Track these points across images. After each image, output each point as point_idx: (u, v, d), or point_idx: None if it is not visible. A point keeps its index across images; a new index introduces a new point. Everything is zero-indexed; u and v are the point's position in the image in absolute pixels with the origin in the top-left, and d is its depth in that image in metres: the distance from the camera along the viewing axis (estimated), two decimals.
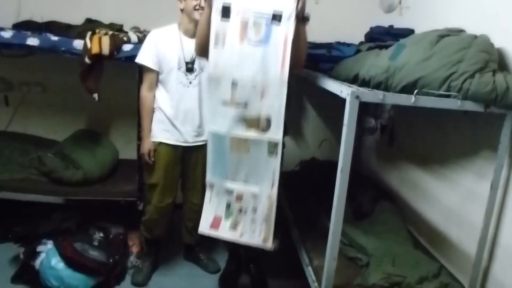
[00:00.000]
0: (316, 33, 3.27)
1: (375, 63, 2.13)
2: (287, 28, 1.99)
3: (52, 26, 3.06)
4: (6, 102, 3.51)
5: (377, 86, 2.09)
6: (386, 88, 2.06)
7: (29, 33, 2.81)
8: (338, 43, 3.21)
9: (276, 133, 2.10)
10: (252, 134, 2.12)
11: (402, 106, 1.94)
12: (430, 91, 1.90)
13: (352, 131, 1.82)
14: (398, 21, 3.08)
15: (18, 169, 3.11)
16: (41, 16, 3.10)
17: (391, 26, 2.79)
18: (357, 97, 1.78)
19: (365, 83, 2.17)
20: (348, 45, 3.09)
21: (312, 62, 2.90)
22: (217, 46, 2.07)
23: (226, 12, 2.04)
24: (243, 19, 2.03)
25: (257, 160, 2.17)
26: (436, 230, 2.58)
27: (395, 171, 3.26)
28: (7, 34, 2.71)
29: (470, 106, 1.88)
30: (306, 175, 3.52)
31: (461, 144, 2.42)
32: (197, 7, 2.45)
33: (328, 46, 3.11)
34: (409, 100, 1.87)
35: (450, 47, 1.95)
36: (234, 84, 2.07)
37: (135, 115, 2.85)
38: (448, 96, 1.88)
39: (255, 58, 2.03)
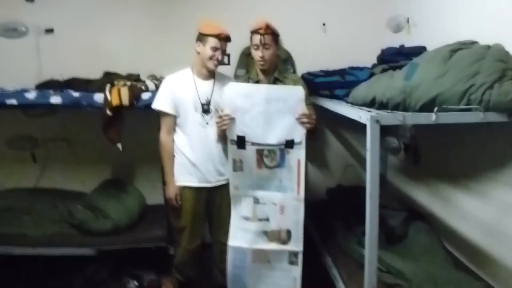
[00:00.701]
0: (327, 61, 3.45)
1: (391, 84, 2.12)
2: (299, 151, 2.25)
3: (72, 83, 3.13)
4: (34, 159, 3.58)
5: (396, 107, 2.09)
6: (405, 109, 2.05)
7: (51, 91, 2.90)
8: (351, 68, 3.23)
9: (297, 244, 2.33)
10: (273, 246, 2.33)
11: (424, 124, 1.92)
12: (450, 107, 1.88)
13: (376, 155, 1.81)
14: (408, 40, 3.08)
15: (49, 224, 3.14)
16: (60, 74, 3.20)
17: (402, 46, 2.80)
18: (377, 121, 1.78)
19: (383, 106, 2.16)
20: (361, 69, 3.10)
21: (327, 89, 2.92)
22: (236, 171, 2.32)
23: (241, 142, 2.27)
24: (258, 148, 2.28)
25: (278, 270, 2.37)
26: (475, 247, 2.49)
27: (425, 189, 3.18)
28: (31, 95, 2.80)
29: (493, 117, 1.85)
30: (334, 203, 3.45)
31: (489, 155, 2.36)
32: (214, 58, 2.50)
33: (341, 72, 3.14)
34: (430, 118, 1.85)
35: (464, 60, 1.94)
36: (255, 201, 2.32)
37: (158, 160, 2.88)
38: (469, 110, 1.85)
39: (273, 180, 2.30)
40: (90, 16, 3.50)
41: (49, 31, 3.46)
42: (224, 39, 2.50)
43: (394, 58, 2.61)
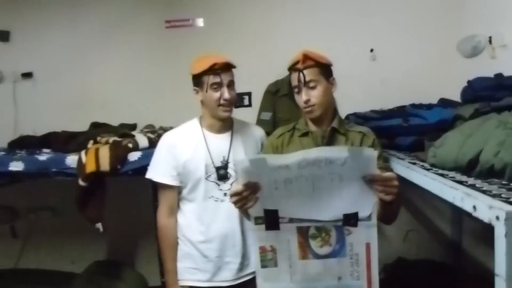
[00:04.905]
0: (378, 97, 2.81)
1: (511, 141, 1.30)
2: (369, 231, 1.43)
3: (51, 139, 2.54)
4: (13, 233, 3.03)
5: None
6: None
7: (22, 152, 2.37)
8: (413, 105, 2.53)
9: None
10: None
11: None
12: None
13: None
14: (492, 66, 2.30)
15: None
16: (33, 130, 2.69)
17: (498, 75, 1.96)
18: None
19: (493, 173, 1.36)
20: (428, 107, 2.43)
21: (386, 137, 2.21)
22: (267, 266, 1.51)
23: (272, 219, 1.45)
24: (300, 226, 1.46)
25: None
26: None
27: None
28: None
29: None
30: (394, 284, 2.60)
31: None
32: (222, 102, 1.78)
33: (402, 112, 2.47)
34: None
35: None
36: None
37: None
38: None
39: (327, 278, 1.49)
40: (77, 56, 3.05)
41: (27, 75, 2.98)
42: (223, 68, 1.78)
43: (492, 93, 1.78)
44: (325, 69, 1.66)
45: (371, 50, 2.91)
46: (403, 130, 2.20)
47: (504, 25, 2.33)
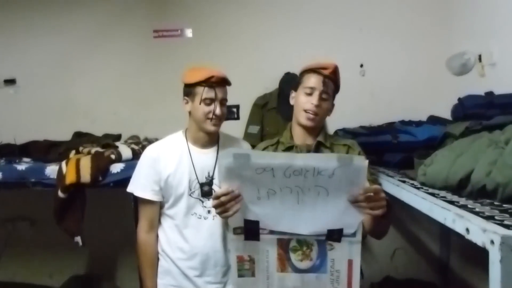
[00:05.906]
0: (367, 112, 2.78)
1: (503, 161, 1.27)
2: (352, 248, 1.38)
3: (31, 147, 2.45)
4: None
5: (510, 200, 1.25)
6: None
7: (1, 161, 2.25)
8: (402, 122, 2.54)
9: None
10: None
11: None
12: None
13: None
14: (479, 84, 2.31)
15: None
16: (14, 137, 2.53)
17: (489, 94, 1.94)
18: None
19: (485, 193, 1.32)
20: (417, 124, 2.43)
21: (374, 153, 2.15)
22: (244, 276, 1.46)
23: (251, 230, 1.40)
24: (281, 238, 1.41)
25: None
26: None
27: None
28: None
29: None
30: None
31: None
32: (211, 116, 1.72)
33: (391, 128, 2.44)
34: None
35: None
36: None
37: None
38: None
39: None
40: (62, 63, 2.95)
41: (10, 81, 2.89)
42: (218, 83, 1.73)
43: (483, 111, 1.76)
44: (336, 91, 1.72)
45: (361, 66, 2.88)
46: (392, 146, 2.19)
47: (493, 43, 2.31)
